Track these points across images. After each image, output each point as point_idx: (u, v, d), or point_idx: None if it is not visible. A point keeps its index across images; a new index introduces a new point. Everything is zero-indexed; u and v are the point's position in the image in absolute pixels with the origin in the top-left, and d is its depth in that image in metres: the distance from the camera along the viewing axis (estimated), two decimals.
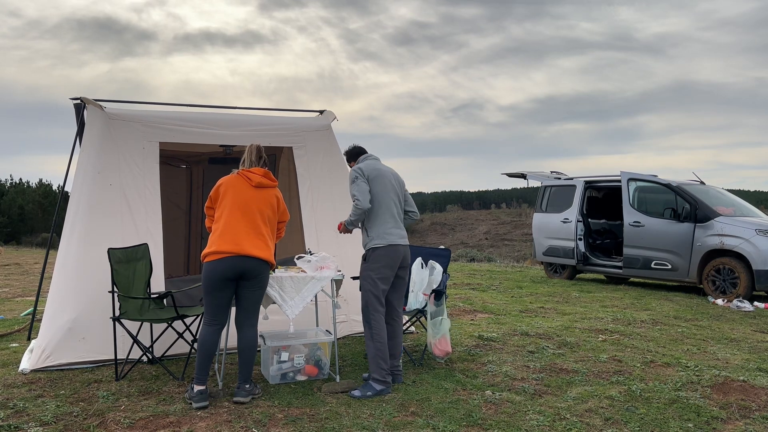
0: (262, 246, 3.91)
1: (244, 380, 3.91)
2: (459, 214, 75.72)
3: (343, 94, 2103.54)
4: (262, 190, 4.00)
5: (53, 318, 4.69)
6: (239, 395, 3.86)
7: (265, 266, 3.95)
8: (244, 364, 3.92)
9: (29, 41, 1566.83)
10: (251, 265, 3.85)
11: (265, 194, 4.00)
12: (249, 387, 3.91)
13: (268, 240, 3.98)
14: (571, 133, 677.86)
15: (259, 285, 3.95)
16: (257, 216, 3.94)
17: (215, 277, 3.80)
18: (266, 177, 4.03)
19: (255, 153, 4.09)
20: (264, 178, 4.01)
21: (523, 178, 11.76)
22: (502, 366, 4.70)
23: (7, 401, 3.82)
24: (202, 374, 3.83)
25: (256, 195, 3.97)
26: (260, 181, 3.99)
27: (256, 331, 4.01)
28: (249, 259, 3.84)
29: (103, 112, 5.20)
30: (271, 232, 4.04)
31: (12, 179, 38.81)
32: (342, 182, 6.02)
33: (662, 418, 3.67)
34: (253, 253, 3.84)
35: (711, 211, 8.74)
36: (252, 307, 3.98)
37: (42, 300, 5.95)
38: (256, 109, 6.04)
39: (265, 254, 3.91)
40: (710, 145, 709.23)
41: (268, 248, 3.95)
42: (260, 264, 3.89)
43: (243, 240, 3.85)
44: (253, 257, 3.84)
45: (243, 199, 3.93)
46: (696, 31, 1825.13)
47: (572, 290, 9.28)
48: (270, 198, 4.02)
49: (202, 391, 3.79)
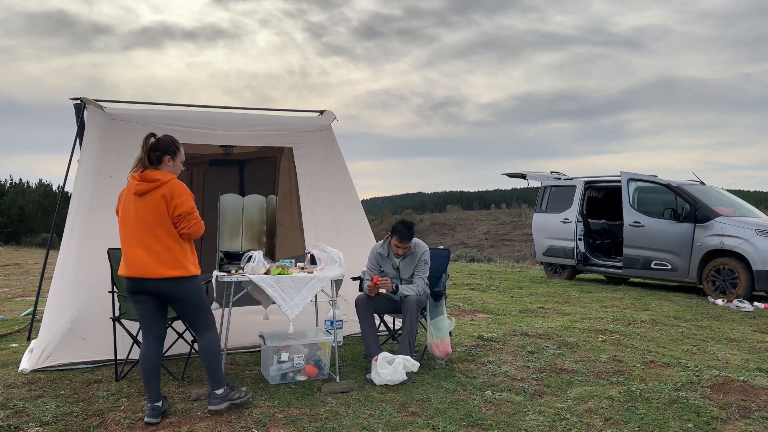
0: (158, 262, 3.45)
1: (215, 386, 3.63)
2: (459, 214, 75.73)
3: (316, 91, 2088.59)
4: (144, 197, 3.49)
5: (53, 318, 4.69)
6: (211, 404, 3.60)
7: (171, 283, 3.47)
8: (208, 369, 3.64)
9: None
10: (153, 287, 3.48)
11: (149, 199, 3.48)
12: (222, 392, 3.62)
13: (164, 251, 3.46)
14: (555, 132, 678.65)
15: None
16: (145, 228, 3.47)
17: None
18: (144, 180, 3.49)
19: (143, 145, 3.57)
20: (142, 183, 3.49)
21: (523, 178, 11.77)
22: (502, 366, 4.70)
23: (7, 401, 3.82)
24: (149, 392, 3.56)
25: (138, 204, 3.50)
26: (138, 187, 3.49)
27: (212, 333, 3.66)
28: (150, 281, 3.46)
29: (103, 112, 5.20)
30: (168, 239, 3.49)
31: (12, 179, 38.85)
32: (342, 182, 6.02)
33: (662, 418, 3.67)
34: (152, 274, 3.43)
35: (711, 212, 8.74)
36: (193, 319, 3.67)
37: (42, 300, 5.95)
38: (256, 110, 6.04)
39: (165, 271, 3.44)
40: (699, 144, 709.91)
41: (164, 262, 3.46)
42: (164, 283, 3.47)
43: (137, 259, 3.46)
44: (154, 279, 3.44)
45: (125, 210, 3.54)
46: (676, 24, 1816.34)
47: (572, 290, 9.28)
48: (154, 202, 3.48)
49: (153, 407, 3.53)
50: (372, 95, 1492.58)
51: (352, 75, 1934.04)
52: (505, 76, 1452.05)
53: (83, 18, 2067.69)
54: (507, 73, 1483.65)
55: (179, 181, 3.64)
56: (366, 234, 5.94)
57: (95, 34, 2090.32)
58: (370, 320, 4.70)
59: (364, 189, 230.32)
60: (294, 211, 6.53)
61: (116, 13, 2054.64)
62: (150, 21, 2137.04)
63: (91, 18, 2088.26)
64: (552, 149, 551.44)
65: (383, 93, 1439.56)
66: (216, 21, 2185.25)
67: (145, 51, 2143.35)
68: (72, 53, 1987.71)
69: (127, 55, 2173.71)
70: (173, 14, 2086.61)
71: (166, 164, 3.66)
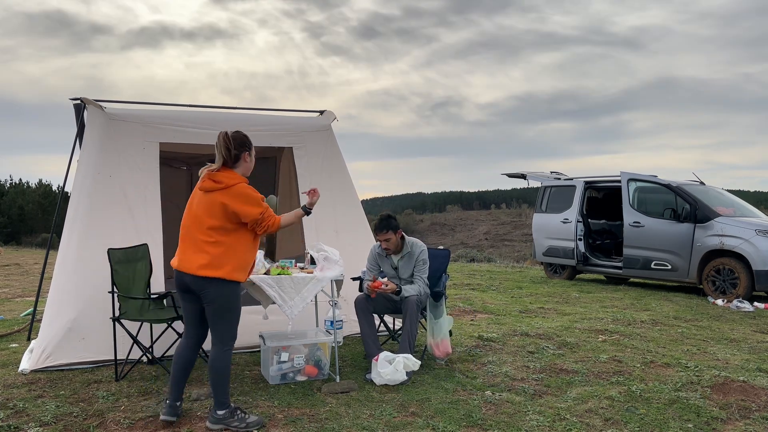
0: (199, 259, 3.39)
1: (217, 405, 3.45)
2: (459, 214, 75.75)
3: (316, 91, 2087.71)
4: (207, 194, 3.45)
5: (53, 318, 4.69)
6: (209, 419, 3.45)
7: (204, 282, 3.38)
8: (213, 386, 3.48)
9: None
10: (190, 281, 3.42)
11: (209, 198, 3.43)
12: (222, 414, 3.41)
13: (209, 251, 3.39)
14: (555, 132, 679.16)
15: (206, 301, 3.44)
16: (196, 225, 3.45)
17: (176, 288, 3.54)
18: (211, 179, 3.45)
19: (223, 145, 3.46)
20: (209, 181, 3.44)
21: (523, 178, 11.77)
22: (502, 366, 4.70)
23: (7, 401, 3.82)
24: (173, 390, 3.52)
25: (201, 199, 3.46)
26: (204, 183, 3.45)
27: (226, 351, 3.49)
28: (187, 276, 3.42)
29: (103, 112, 5.20)
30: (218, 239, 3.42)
31: (12, 179, 38.85)
32: (342, 182, 6.02)
33: (662, 418, 3.67)
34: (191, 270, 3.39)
35: (711, 212, 8.74)
36: (213, 326, 3.49)
37: (42, 300, 5.95)
38: (256, 110, 6.05)
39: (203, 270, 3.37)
40: (699, 144, 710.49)
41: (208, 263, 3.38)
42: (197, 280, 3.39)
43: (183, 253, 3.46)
44: (191, 274, 3.39)
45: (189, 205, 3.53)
46: (676, 24, 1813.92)
47: (572, 290, 9.28)
48: (213, 203, 3.42)
49: (170, 405, 3.50)
50: (371, 95, 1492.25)
51: (352, 75, 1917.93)
52: (505, 76, 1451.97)
53: (82, 18, 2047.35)
54: (506, 73, 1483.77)
55: (245, 186, 3.47)
56: (366, 234, 5.94)
57: (94, 34, 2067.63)
58: (369, 320, 4.70)
59: (364, 189, 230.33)
60: None
61: (115, 13, 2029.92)
62: (148, 21, 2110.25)
63: (90, 18, 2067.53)
64: (552, 149, 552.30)
65: (383, 93, 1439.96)
66: (214, 21, 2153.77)
67: (143, 51, 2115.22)
68: (71, 53, 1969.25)
69: (126, 55, 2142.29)
70: (172, 14, 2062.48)
71: (245, 161, 3.53)
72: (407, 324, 4.59)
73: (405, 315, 4.61)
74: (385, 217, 4.79)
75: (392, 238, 4.76)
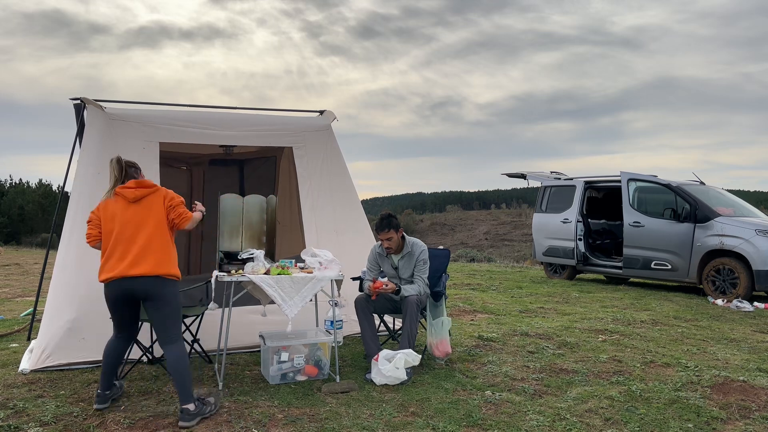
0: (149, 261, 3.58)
1: (187, 401, 3.52)
2: (459, 214, 75.74)
3: (315, 91, 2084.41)
4: (139, 203, 3.68)
5: (53, 318, 4.69)
6: (182, 419, 3.48)
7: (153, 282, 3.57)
8: (180, 383, 3.55)
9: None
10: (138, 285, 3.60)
11: (146, 203, 3.67)
12: (195, 408, 3.51)
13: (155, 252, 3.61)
14: (555, 133, 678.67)
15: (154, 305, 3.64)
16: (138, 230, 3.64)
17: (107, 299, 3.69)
18: (141, 186, 3.70)
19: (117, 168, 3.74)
20: (139, 189, 3.69)
21: (523, 178, 11.77)
22: (502, 366, 4.70)
23: (7, 401, 3.82)
24: (103, 380, 3.73)
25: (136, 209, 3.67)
26: (135, 193, 3.67)
27: (177, 348, 3.63)
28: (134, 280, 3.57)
29: (103, 112, 5.20)
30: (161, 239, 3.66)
31: (12, 179, 38.84)
32: (342, 182, 6.02)
33: (662, 418, 3.67)
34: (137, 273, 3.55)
35: (711, 212, 8.74)
36: (168, 325, 3.67)
37: (42, 300, 5.95)
38: (256, 110, 6.04)
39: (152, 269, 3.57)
40: (698, 144, 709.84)
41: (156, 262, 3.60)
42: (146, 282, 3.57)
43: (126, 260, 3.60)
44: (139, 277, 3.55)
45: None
46: (675, 24, 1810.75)
47: (572, 290, 9.28)
48: (154, 204, 3.69)
49: (99, 394, 3.71)
50: (370, 95, 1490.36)
51: (351, 75, 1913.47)
52: (504, 76, 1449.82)
53: (80, 17, 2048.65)
54: (506, 73, 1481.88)
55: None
56: (366, 234, 5.94)
57: (92, 34, 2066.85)
58: (369, 320, 4.70)
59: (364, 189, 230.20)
60: (294, 211, 6.53)
61: (113, 13, 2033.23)
62: (147, 20, 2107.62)
63: (88, 18, 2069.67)
64: (551, 149, 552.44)
65: (382, 93, 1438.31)
66: (213, 20, 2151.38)
67: (142, 51, 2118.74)
68: (69, 53, 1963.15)
69: (125, 54, 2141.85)
70: (170, 14, 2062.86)
71: (142, 176, 3.85)
72: (407, 324, 4.59)
73: (405, 315, 4.61)
74: (386, 216, 4.79)
75: (394, 237, 4.76)
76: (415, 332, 4.65)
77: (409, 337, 4.57)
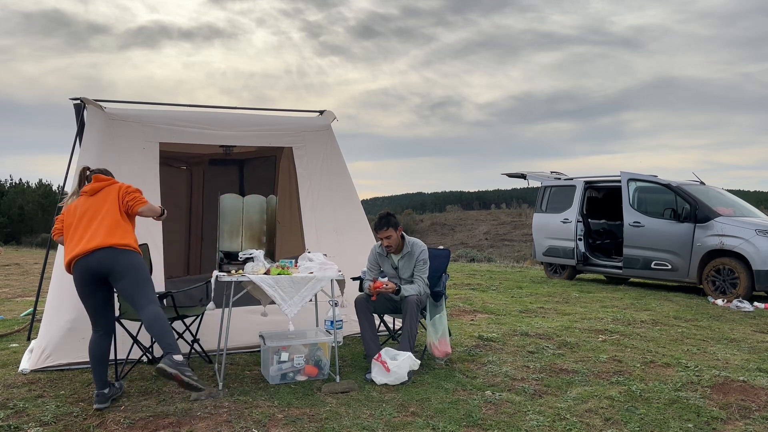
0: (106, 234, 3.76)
1: (172, 351, 3.54)
2: (459, 214, 75.71)
3: (314, 91, 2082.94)
4: (97, 195, 3.92)
5: (53, 318, 4.70)
6: (165, 362, 3.49)
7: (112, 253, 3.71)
8: (158, 336, 3.61)
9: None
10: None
11: (103, 194, 3.92)
12: (180, 360, 3.53)
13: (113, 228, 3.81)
14: (554, 132, 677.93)
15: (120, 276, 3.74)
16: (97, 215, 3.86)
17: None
18: (97, 181, 3.97)
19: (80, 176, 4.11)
20: (97, 183, 3.95)
21: (523, 178, 11.77)
22: (502, 366, 4.70)
23: (7, 401, 3.82)
24: (97, 380, 3.79)
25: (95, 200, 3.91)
26: (93, 186, 3.94)
27: (155, 308, 3.68)
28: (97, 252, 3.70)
29: (103, 112, 5.20)
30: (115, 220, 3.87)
31: (12, 179, 38.81)
32: (342, 182, 6.02)
33: (662, 418, 3.67)
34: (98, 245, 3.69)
35: (711, 212, 8.74)
36: (140, 292, 3.72)
37: (42, 300, 5.95)
38: (256, 110, 6.05)
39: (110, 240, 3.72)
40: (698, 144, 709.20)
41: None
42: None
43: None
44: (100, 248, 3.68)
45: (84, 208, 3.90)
46: (675, 24, 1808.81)
47: (572, 290, 9.28)
48: (109, 194, 3.93)
49: (98, 394, 3.76)
50: (370, 95, 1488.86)
51: (350, 75, 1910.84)
52: (504, 75, 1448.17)
53: (80, 17, 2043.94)
54: (505, 72, 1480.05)
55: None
56: (366, 234, 5.94)
57: (92, 34, 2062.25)
58: (369, 320, 4.70)
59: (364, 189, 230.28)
60: (294, 211, 6.53)
61: (112, 13, 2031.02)
62: (146, 20, 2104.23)
63: (88, 17, 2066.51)
64: (551, 149, 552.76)
65: (381, 93, 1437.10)
66: (212, 20, 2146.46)
67: (141, 50, 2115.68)
68: (69, 53, 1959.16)
69: (124, 54, 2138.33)
70: (169, 13, 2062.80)
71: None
72: (407, 324, 4.59)
73: (405, 315, 4.61)
74: (384, 214, 4.79)
75: (393, 236, 4.76)
76: (415, 332, 4.65)
77: (409, 337, 4.57)
